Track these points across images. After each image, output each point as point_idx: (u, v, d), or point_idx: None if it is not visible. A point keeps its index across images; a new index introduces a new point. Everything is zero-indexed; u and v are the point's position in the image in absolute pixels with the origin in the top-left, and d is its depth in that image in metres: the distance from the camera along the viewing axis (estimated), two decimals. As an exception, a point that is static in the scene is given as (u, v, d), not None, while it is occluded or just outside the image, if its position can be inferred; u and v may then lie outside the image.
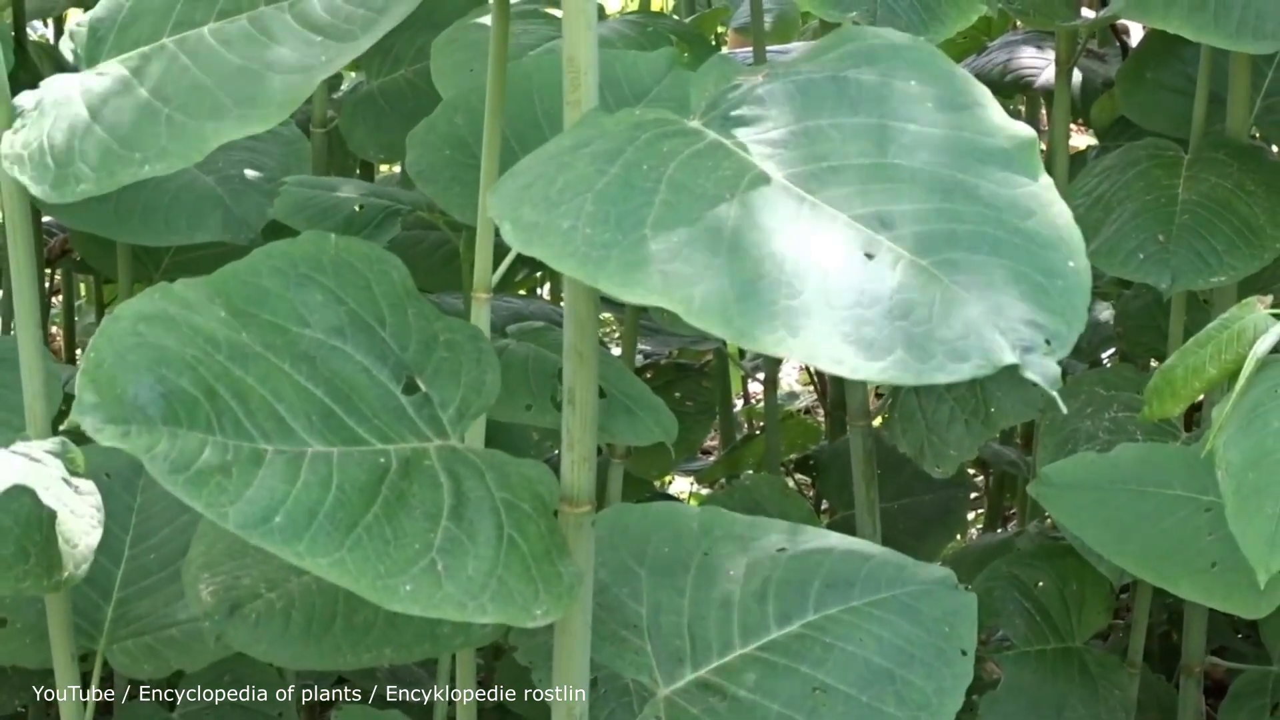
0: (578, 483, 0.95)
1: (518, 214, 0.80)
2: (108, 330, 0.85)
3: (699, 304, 0.74)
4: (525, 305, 1.67)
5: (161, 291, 0.89)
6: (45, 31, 2.71)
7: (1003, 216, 0.78)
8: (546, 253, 0.77)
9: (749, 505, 1.74)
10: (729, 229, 0.76)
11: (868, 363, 0.72)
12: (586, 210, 0.78)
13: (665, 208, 0.78)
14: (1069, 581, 1.70)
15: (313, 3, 1.00)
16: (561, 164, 0.82)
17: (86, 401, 0.81)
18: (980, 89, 0.85)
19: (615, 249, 0.76)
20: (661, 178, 0.79)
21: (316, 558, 0.81)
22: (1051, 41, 2.05)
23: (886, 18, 1.34)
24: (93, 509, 1.03)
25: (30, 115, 1.02)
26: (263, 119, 0.95)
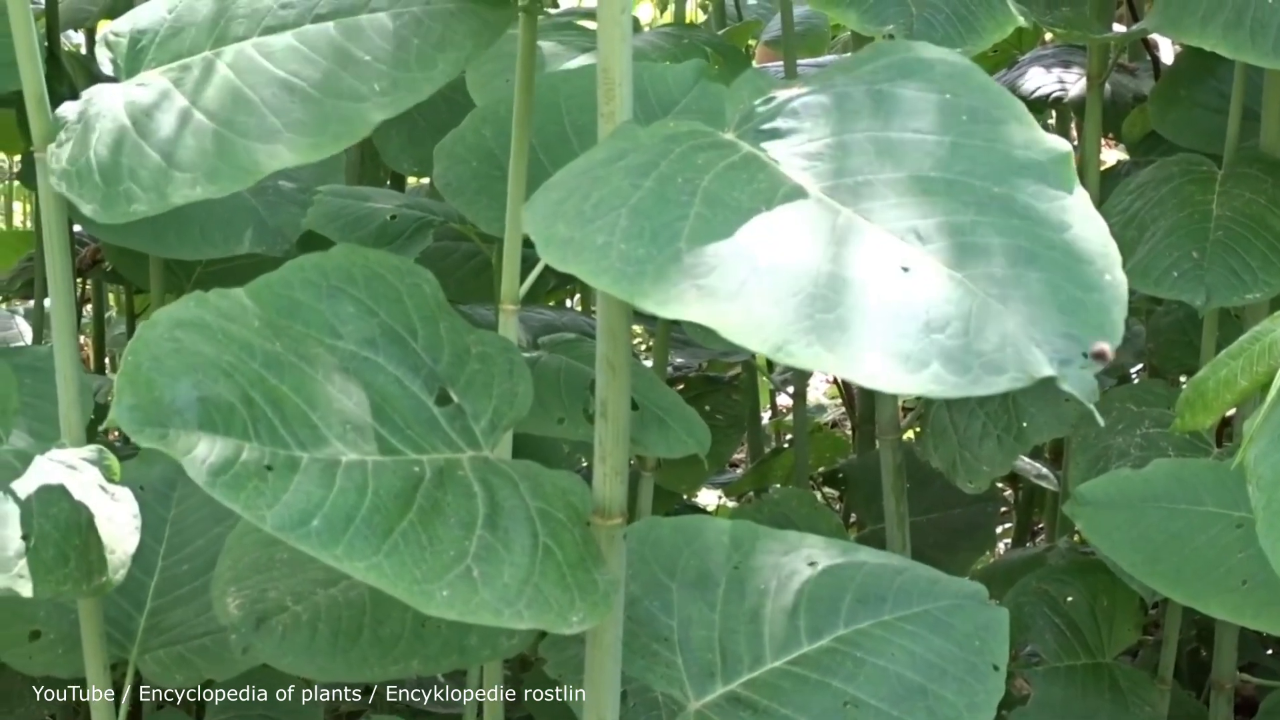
0: (610, 495, 0.95)
1: (552, 230, 0.80)
2: (145, 335, 0.86)
3: (734, 320, 0.74)
4: (557, 316, 1.67)
5: (197, 300, 0.90)
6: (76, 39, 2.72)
7: (1038, 230, 0.78)
8: (581, 269, 0.77)
9: (777, 519, 1.74)
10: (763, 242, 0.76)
11: (905, 376, 0.72)
12: (621, 225, 0.78)
13: (700, 221, 0.78)
14: (1099, 597, 1.70)
15: (361, 21, 1.00)
16: (595, 178, 0.82)
17: (125, 403, 0.82)
18: (1015, 103, 0.85)
19: (650, 264, 0.76)
20: (696, 191, 0.79)
21: (354, 561, 0.81)
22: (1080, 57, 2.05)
23: (923, 31, 1.33)
24: (129, 516, 1.04)
25: (73, 128, 1.02)
26: (315, 147, 0.96)
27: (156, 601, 1.25)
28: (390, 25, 1.00)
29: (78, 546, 0.98)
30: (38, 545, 0.96)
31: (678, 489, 1.95)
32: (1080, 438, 1.62)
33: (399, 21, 1.00)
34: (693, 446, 1.34)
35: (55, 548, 0.97)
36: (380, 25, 1.00)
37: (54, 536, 0.97)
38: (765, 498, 1.84)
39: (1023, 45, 2.24)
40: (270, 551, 1.08)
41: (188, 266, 1.84)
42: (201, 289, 1.81)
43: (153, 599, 1.25)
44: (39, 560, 0.95)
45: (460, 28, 1.00)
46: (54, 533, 0.97)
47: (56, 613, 1.23)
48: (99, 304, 2.38)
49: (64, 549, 0.97)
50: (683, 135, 0.84)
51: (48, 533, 0.97)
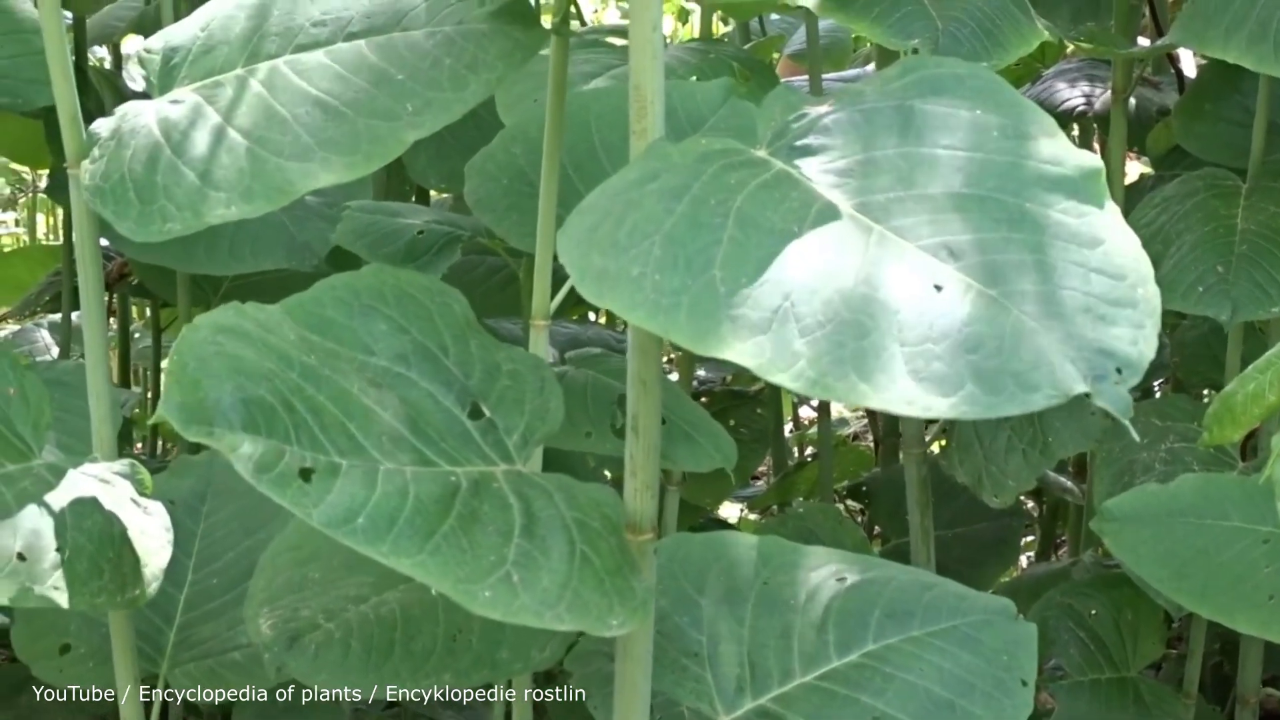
0: (641, 510, 0.95)
1: (587, 260, 0.80)
2: (188, 338, 0.87)
3: (769, 358, 0.74)
4: (583, 330, 1.68)
5: (235, 309, 0.91)
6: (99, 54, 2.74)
7: (1071, 246, 0.78)
8: (617, 304, 0.78)
9: (802, 533, 1.74)
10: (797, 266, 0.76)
11: (939, 400, 0.72)
12: (655, 255, 0.78)
13: (733, 245, 0.78)
14: (1124, 611, 1.70)
15: (394, 40, 1.01)
16: (629, 201, 0.82)
17: (172, 400, 0.83)
18: (1045, 119, 0.86)
19: (684, 295, 0.76)
20: (729, 212, 0.80)
21: (400, 557, 0.82)
22: (1103, 70, 2.05)
23: (949, 45, 1.34)
24: (162, 529, 1.05)
25: (107, 145, 1.03)
26: (349, 166, 0.96)
27: (187, 615, 1.25)
28: (423, 44, 1.00)
29: (111, 559, 0.99)
30: (72, 558, 0.96)
31: (702, 503, 1.95)
32: (1105, 452, 1.62)
33: (432, 41, 1.00)
34: (720, 461, 1.34)
35: (89, 560, 0.97)
36: (413, 44, 1.00)
37: (88, 549, 0.98)
38: (790, 512, 1.84)
39: (1045, 59, 2.24)
40: (303, 571, 1.08)
41: (214, 281, 1.85)
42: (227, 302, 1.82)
43: (183, 612, 1.25)
44: (74, 573, 0.96)
45: (493, 48, 1.00)
46: (88, 546, 0.98)
47: (87, 626, 1.23)
48: (124, 318, 2.39)
49: (98, 561, 0.98)
50: (715, 153, 0.85)
51: (82, 546, 0.97)
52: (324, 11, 1.03)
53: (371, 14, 1.02)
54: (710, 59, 1.47)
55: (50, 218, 4.61)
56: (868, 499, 2.19)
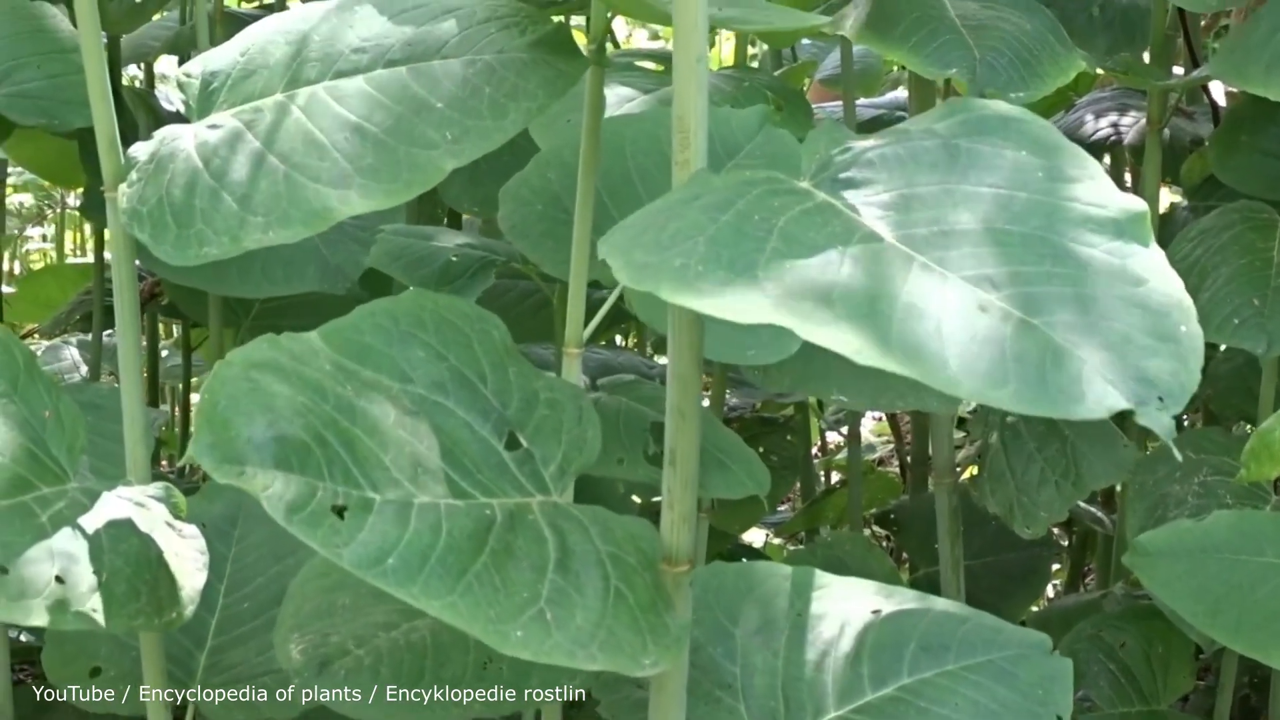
0: (678, 542, 0.95)
1: (629, 256, 0.79)
2: (221, 374, 0.87)
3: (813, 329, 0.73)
4: (614, 356, 1.67)
5: (270, 341, 0.90)
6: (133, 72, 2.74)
7: (1114, 283, 0.78)
8: (658, 285, 0.77)
9: (832, 562, 1.73)
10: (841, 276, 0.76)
11: (987, 389, 0.71)
12: (699, 251, 0.78)
13: (776, 255, 0.77)
14: (1154, 644, 1.69)
15: (434, 68, 1.01)
16: (673, 214, 0.82)
17: (203, 441, 0.83)
18: (1091, 163, 0.85)
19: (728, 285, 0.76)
20: (773, 229, 0.79)
21: (430, 599, 0.82)
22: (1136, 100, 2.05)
23: (986, 75, 1.34)
24: (197, 552, 1.04)
25: (145, 169, 1.03)
26: (388, 193, 0.96)
27: (217, 640, 1.25)
28: (463, 72, 1.00)
29: (149, 581, 0.99)
30: (110, 581, 0.96)
31: (731, 529, 1.95)
32: (1138, 484, 1.61)
33: (472, 69, 1.00)
34: (753, 488, 1.33)
35: (127, 583, 0.97)
36: (453, 72, 1.00)
37: (125, 572, 0.98)
38: (819, 540, 1.84)
39: (1079, 88, 2.23)
40: (332, 597, 1.08)
41: (246, 302, 1.86)
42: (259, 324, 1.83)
43: (213, 637, 1.25)
44: (111, 596, 0.96)
45: (533, 77, 1.00)
46: (125, 568, 0.98)
47: (118, 650, 1.23)
48: (153, 337, 2.40)
49: (135, 584, 0.98)
50: (758, 181, 0.84)
51: (119, 568, 0.97)
52: (364, 38, 1.03)
53: (412, 42, 1.02)
54: (745, 87, 1.46)
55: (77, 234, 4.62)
56: (896, 527, 2.19)
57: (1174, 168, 2.02)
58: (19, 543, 0.95)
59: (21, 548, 0.95)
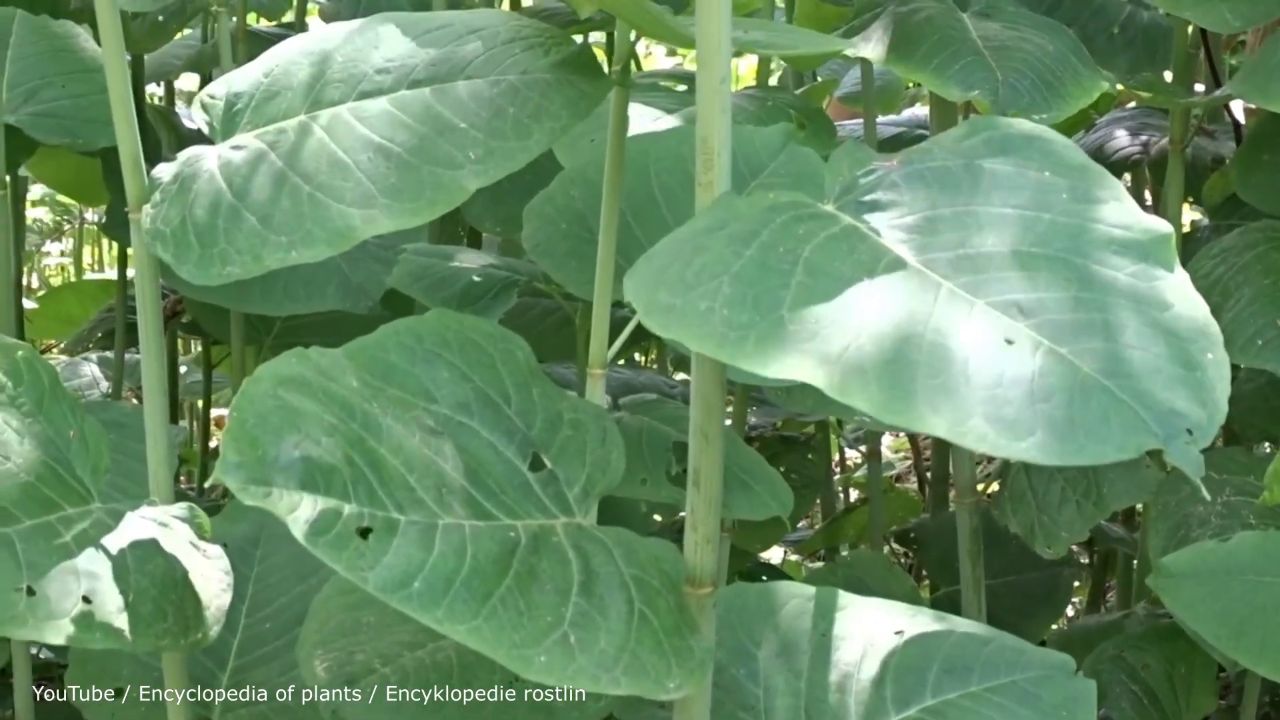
0: (702, 564, 0.95)
1: (654, 297, 0.80)
2: (249, 391, 0.87)
3: (839, 379, 0.73)
4: (635, 375, 1.67)
5: (298, 356, 0.90)
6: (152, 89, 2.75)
7: (1141, 308, 0.77)
8: (684, 334, 0.77)
9: (852, 582, 1.73)
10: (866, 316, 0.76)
11: (1010, 441, 0.71)
12: (723, 292, 0.78)
13: (802, 289, 0.78)
14: (1177, 664, 1.68)
15: (458, 88, 1.01)
16: (697, 246, 0.82)
17: (230, 461, 0.83)
18: (1113, 183, 0.85)
19: (753, 330, 0.76)
20: (797, 260, 0.79)
21: (454, 624, 0.81)
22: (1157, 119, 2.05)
23: (1009, 96, 1.34)
24: (221, 572, 1.05)
25: (169, 189, 1.03)
26: (412, 213, 0.96)
27: (240, 660, 1.25)
28: (487, 93, 1.00)
29: (174, 601, 0.99)
30: (136, 601, 0.96)
31: (751, 548, 1.94)
32: (1160, 505, 1.60)
33: (495, 90, 1.00)
34: (776, 509, 1.33)
35: (153, 603, 0.97)
36: (476, 92, 1.00)
37: (151, 592, 0.98)
38: (840, 560, 1.83)
39: (1099, 107, 2.23)
40: (356, 615, 1.08)
41: (268, 320, 1.86)
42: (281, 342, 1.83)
43: (235, 657, 1.25)
44: (137, 616, 0.96)
45: (557, 98, 1.00)
46: (151, 589, 0.98)
47: (141, 670, 1.23)
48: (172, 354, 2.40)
49: (161, 604, 0.98)
50: (783, 205, 0.84)
51: (145, 588, 0.97)
52: (387, 59, 1.03)
53: (435, 62, 1.02)
54: (768, 106, 1.46)
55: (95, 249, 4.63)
56: (916, 545, 2.18)
57: (1195, 186, 2.02)
58: (44, 563, 0.95)
59: (47, 568, 0.95)
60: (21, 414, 1.03)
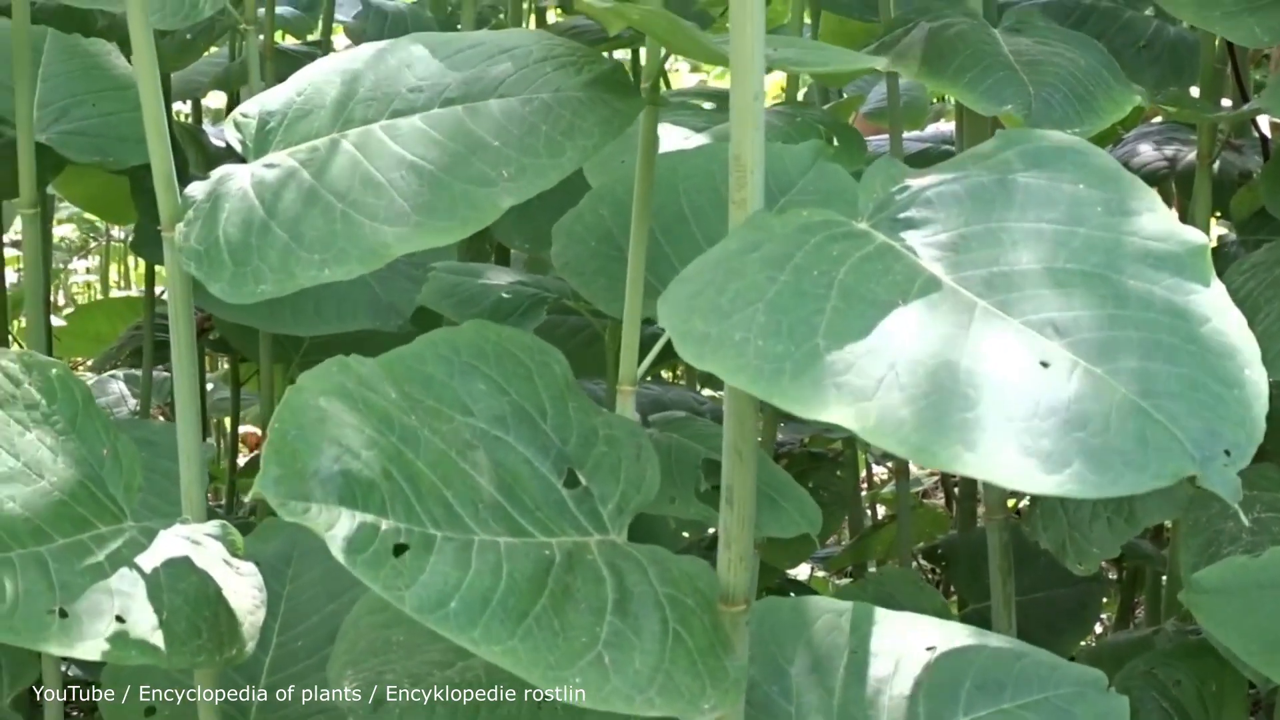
0: (735, 581, 0.94)
1: (688, 325, 0.80)
2: (292, 402, 0.87)
3: (874, 422, 0.73)
4: (664, 392, 1.67)
5: (339, 365, 0.90)
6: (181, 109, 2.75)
7: (1177, 324, 0.77)
8: (719, 367, 0.77)
9: (882, 598, 1.72)
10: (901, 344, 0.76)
11: (1046, 476, 0.71)
12: (758, 320, 0.78)
13: (836, 315, 0.77)
14: (1208, 681, 1.67)
15: (491, 106, 1.01)
16: (730, 270, 0.82)
17: (270, 474, 0.83)
18: (1149, 193, 0.85)
19: (788, 361, 0.76)
20: (832, 284, 0.79)
21: (490, 645, 0.81)
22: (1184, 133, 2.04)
23: (1041, 111, 1.33)
24: (255, 589, 1.05)
25: (202, 208, 1.03)
26: (444, 230, 0.96)
27: (272, 677, 1.25)
28: (519, 111, 1.00)
29: (208, 619, 0.99)
30: (170, 619, 0.96)
31: (781, 565, 1.94)
32: (1190, 520, 1.60)
33: (528, 108, 1.00)
34: (805, 527, 1.33)
35: (187, 621, 0.97)
36: (509, 110, 1.00)
37: (185, 610, 0.98)
38: (870, 576, 1.83)
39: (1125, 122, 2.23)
40: (386, 634, 1.08)
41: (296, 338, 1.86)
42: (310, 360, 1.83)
43: (268, 675, 1.25)
44: (172, 634, 0.96)
45: (590, 116, 1.00)
46: (184, 606, 0.98)
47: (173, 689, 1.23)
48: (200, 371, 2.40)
49: (195, 622, 0.98)
50: (817, 225, 0.84)
51: (179, 606, 0.98)
52: (420, 78, 1.04)
53: (468, 81, 1.02)
54: (797, 123, 1.46)
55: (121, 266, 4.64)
56: (944, 562, 2.18)
57: (1223, 201, 2.02)
58: (78, 583, 0.96)
59: (80, 588, 0.95)
60: (55, 431, 1.04)
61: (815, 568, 2.75)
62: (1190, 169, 1.93)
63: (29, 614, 0.94)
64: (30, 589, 0.95)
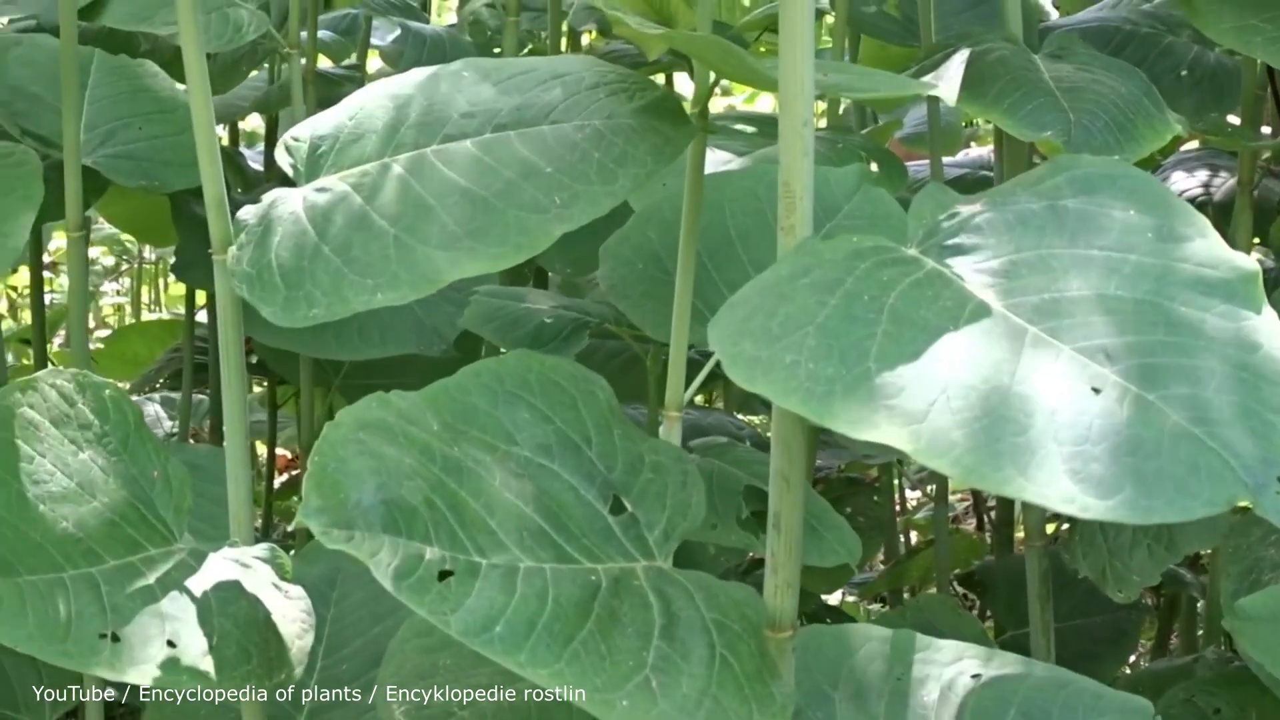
0: (782, 608, 0.95)
1: (738, 348, 0.80)
2: (330, 436, 0.87)
3: (926, 443, 0.74)
4: (703, 417, 1.67)
5: (379, 400, 0.91)
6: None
7: (1228, 351, 0.77)
8: (770, 389, 0.78)
9: (921, 625, 1.71)
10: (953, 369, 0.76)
11: (1097, 501, 0.71)
12: (809, 344, 0.78)
13: (887, 339, 0.78)
14: (1248, 709, 1.67)
15: (543, 133, 1.01)
16: (781, 295, 0.82)
17: (312, 505, 0.83)
18: (1200, 219, 0.85)
19: (839, 384, 0.76)
20: (883, 308, 0.79)
21: (537, 668, 0.82)
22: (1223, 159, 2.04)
23: (1081, 138, 1.33)
24: (303, 613, 1.05)
25: (254, 231, 1.04)
26: (497, 256, 0.96)
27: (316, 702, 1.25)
28: (572, 138, 1.01)
29: (258, 643, 0.99)
30: (220, 644, 0.97)
31: (818, 590, 1.94)
32: (1231, 548, 1.59)
33: (581, 134, 1.01)
34: (845, 556, 1.33)
35: (237, 645, 0.98)
36: (562, 137, 1.01)
37: (234, 634, 0.98)
38: (908, 603, 1.83)
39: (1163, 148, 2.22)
40: (433, 658, 1.08)
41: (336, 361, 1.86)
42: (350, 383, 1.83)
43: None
44: (222, 658, 0.97)
45: (642, 144, 1.00)
46: (234, 630, 0.98)
47: (218, 712, 1.24)
48: (241, 393, 2.40)
49: (245, 646, 0.98)
50: (867, 250, 0.84)
51: (228, 630, 0.98)
52: (472, 104, 1.04)
53: (520, 107, 1.03)
54: (839, 148, 1.46)
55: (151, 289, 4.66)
56: (981, 588, 2.17)
57: (1263, 228, 2.01)
58: (128, 606, 0.96)
59: (131, 612, 0.96)
60: (108, 452, 1.04)
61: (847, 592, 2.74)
62: (1228, 196, 1.93)
63: (81, 637, 0.95)
64: (82, 611, 0.95)
